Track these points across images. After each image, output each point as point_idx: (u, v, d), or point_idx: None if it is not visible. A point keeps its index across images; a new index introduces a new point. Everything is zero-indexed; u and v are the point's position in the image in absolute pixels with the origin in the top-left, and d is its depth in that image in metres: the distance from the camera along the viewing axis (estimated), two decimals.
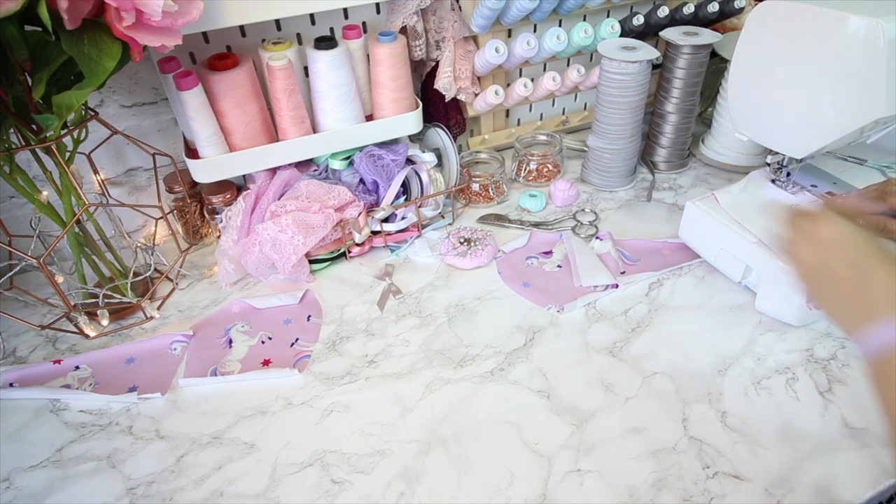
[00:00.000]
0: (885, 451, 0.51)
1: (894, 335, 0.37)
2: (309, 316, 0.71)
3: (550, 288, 0.72)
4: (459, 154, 0.88)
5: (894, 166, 0.73)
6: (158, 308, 0.73)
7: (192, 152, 0.74)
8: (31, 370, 0.65)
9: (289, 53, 0.72)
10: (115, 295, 0.70)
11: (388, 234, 0.80)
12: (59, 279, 0.67)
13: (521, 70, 0.97)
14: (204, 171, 0.73)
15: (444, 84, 0.86)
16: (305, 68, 0.76)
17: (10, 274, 0.70)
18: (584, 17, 0.93)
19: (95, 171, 0.74)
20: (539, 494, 0.49)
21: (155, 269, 0.77)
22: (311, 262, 0.76)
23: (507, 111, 1.02)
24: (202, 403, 0.60)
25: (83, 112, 0.64)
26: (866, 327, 0.39)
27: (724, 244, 0.68)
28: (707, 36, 0.83)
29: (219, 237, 0.76)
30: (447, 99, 0.88)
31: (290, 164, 0.79)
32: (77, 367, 0.65)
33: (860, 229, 0.44)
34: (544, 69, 0.97)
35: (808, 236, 0.46)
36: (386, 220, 0.79)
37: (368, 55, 0.77)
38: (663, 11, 0.88)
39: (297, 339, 0.67)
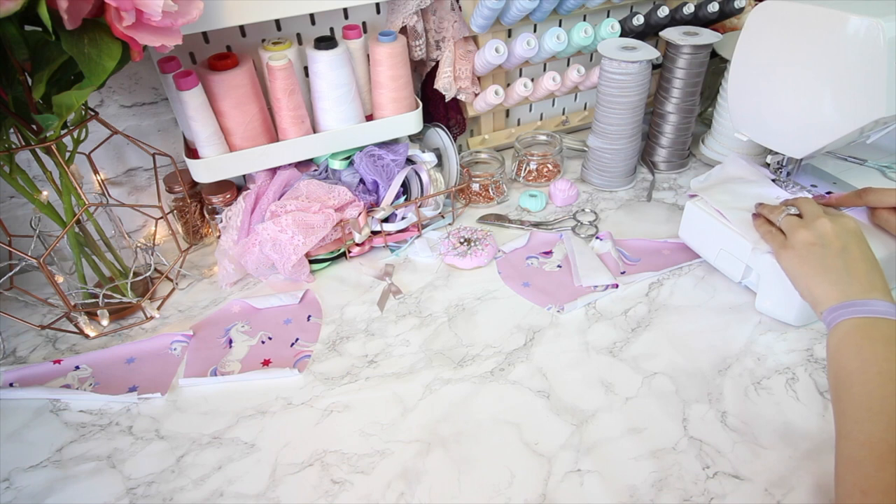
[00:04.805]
0: None
1: (885, 307, 0.47)
2: (309, 316, 0.71)
3: (550, 288, 0.72)
4: (459, 154, 0.88)
5: (894, 166, 0.73)
6: (158, 308, 0.73)
7: (192, 152, 0.74)
8: (31, 370, 0.65)
9: (289, 53, 0.71)
10: (115, 295, 0.70)
11: (388, 234, 0.80)
12: (59, 279, 0.67)
13: (521, 70, 0.97)
14: (204, 171, 0.73)
15: (444, 84, 0.86)
16: (305, 68, 0.76)
17: (10, 274, 0.70)
18: (584, 17, 0.93)
19: (95, 171, 0.74)
20: (539, 494, 0.49)
21: (155, 269, 0.77)
22: (311, 262, 0.76)
23: (507, 111, 1.02)
24: (202, 403, 0.60)
25: (83, 112, 0.64)
26: (867, 295, 0.49)
27: (724, 244, 0.68)
28: (707, 36, 0.83)
29: (219, 237, 0.76)
30: (447, 99, 0.88)
31: (290, 164, 0.79)
32: (77, 367, 0.65)
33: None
34: (544, 69, 0.97)
35: (834, 219, 0.55)
36: (386, 220, 0.79)
37: (368, 55, 0.77)
38: (663, 11, 0.88)
39: (297, 339, 0.67)
